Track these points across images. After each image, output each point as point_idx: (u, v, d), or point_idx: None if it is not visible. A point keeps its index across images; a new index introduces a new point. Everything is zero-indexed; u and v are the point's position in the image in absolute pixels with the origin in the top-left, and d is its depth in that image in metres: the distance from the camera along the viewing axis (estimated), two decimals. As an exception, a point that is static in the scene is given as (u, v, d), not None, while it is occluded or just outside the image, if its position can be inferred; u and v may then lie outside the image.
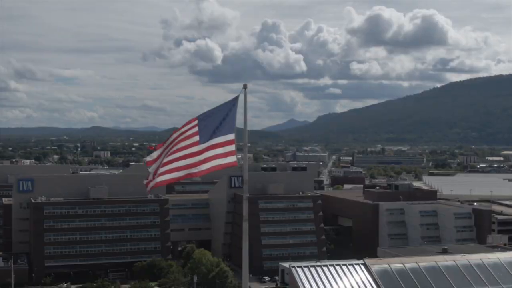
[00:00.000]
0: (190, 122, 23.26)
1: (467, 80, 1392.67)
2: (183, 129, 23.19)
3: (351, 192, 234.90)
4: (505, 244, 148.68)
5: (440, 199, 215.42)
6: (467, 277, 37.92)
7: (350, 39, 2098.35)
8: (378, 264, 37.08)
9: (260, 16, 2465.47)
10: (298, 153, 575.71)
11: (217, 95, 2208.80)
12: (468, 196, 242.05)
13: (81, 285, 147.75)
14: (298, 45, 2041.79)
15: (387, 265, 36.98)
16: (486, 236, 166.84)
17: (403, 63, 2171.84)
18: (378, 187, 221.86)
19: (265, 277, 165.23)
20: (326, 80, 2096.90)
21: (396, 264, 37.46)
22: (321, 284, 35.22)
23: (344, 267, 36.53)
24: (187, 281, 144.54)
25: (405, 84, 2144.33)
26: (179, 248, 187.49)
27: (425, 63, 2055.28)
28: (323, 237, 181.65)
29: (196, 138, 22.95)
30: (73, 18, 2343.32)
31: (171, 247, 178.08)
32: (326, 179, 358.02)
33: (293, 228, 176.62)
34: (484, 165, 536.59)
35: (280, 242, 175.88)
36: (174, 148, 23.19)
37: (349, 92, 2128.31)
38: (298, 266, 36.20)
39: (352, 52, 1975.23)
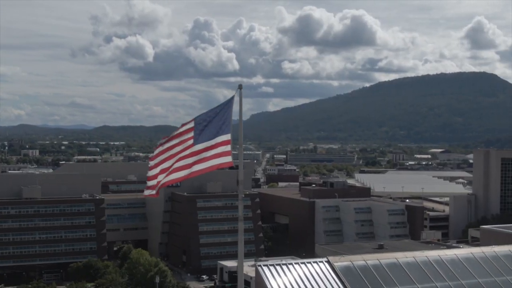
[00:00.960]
0: (187, 123, 22.91)
1: (395, 80, 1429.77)
2: (180, 131, 22.82)
3: (288, 190, 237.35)
4: (438, 240, 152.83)
5: (373, 196, 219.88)
6: (427, 273, 39.22)
7: (281, 39, 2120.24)
8: (341, 261, 37.93)
9: (191, 13, 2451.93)
10: (232, 152, 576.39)
11: (148, 93, 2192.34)
12: (400, 193, 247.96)
13: (15, 287, 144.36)
14: (230, 44, 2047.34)
15: (349, 262, 37.90)
16: (419, 232, 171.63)
17: (333, 62, 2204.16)
18: (314, 185, 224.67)
19: (203, 276, 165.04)
20: (258, 79, 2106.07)
21: (359, 261, 38.48)
22: (288, 282, 35.72)
23: (308, 265, 37.18)
24: (125, 282, 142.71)
25: (335, 83, 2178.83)
26: (115, 248, 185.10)
27: (355, 63, 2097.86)
28: (261, 234, 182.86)
29: (191, 141, 22.65)
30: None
31: (107, 247, 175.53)
32: (261, 177, 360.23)
33: (231, 227, 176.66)
34: (413, 162, 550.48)
35: (218, 240, 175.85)
36: (171, 153, 22.87)
37: (281, 91, 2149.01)
38: (264, 265, 36.55)
39: (283, 51, 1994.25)
